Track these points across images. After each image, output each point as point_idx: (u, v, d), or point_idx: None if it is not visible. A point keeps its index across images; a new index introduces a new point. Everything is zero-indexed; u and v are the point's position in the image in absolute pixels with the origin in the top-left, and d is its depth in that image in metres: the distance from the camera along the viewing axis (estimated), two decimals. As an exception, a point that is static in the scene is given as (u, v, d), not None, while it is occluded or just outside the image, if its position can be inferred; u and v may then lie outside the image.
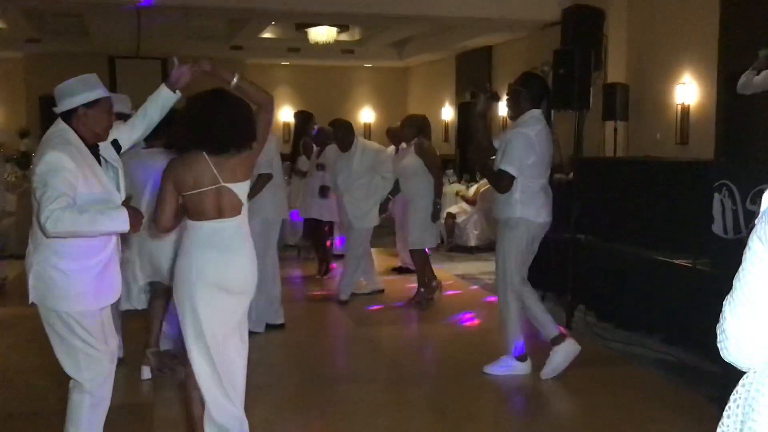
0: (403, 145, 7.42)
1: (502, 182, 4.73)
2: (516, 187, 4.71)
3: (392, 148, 8.10)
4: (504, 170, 4.70)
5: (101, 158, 3.24)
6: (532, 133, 4.72)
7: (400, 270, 8.45)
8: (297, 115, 8.79)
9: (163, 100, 3.39)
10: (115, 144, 3.32)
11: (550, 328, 4.89)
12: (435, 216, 6.94)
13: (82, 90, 3.15)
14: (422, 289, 7.06)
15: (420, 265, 7.11)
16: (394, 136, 8.16)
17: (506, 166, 4.70)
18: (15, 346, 5.72)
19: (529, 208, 4.76)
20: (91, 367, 3.23)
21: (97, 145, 3.23)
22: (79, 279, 3.14)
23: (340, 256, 8.01)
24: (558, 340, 4.88)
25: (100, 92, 3.17)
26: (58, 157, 3.02)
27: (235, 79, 3.11)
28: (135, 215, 3.10)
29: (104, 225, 3.04)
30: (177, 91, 3.40)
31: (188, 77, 3.38)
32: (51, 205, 2.92)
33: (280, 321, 5.99)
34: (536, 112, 4.81)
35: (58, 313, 3.15)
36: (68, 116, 3.16)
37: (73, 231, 2.99)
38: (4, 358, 5.45)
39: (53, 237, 3.04)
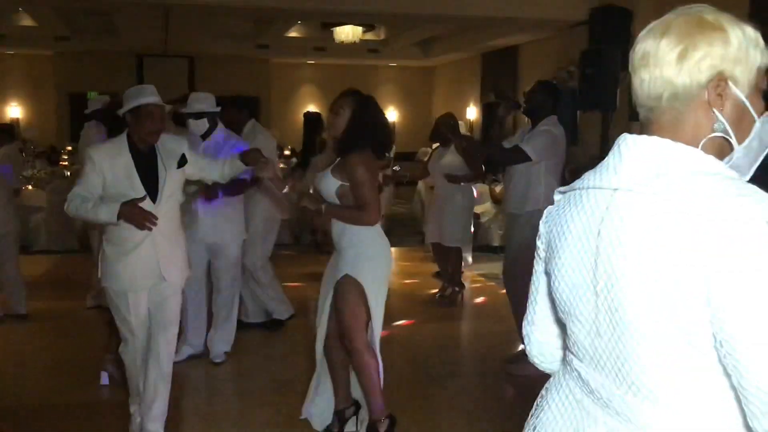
0: (425, 149, 7.55)
1: (518, 156, 4.81)
2: (540, 181, 4.81)
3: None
4: (523, 149, 4.80)
5: (159, 160, 3.61)
6: (558, 132, 4.88)
7: (438, 275, 8.16)
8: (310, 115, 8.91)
9: (236, 166, 3.85)
10: (182, 158, 3.69)
11: None
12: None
13: (127, 99, 3.58)
14: (456, 288, 7.11)
15: (457, 263, 7.16)
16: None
17: (525, 147, 4.80)
18: (39, 340, 5.81)
19: (550, 204, 4.82)
20: (125, 341, 3.70)
21: (154, 149, 3.61)
22: (114, 261, 3.58)
23: None
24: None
25: (139, 101, 3.53)
26: (91, 149, 3.60)
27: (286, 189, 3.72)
28: (134, 211, 3.39)
29: (99, 214, 3.44)
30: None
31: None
32: (75, 188, 3.53)
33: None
34: (555, 118, 4.94)
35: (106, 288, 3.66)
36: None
37: (77, 213, 3.50)
38: (28, 352, 5.54)
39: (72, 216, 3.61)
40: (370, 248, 3.55)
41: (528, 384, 4.81)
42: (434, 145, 8.42)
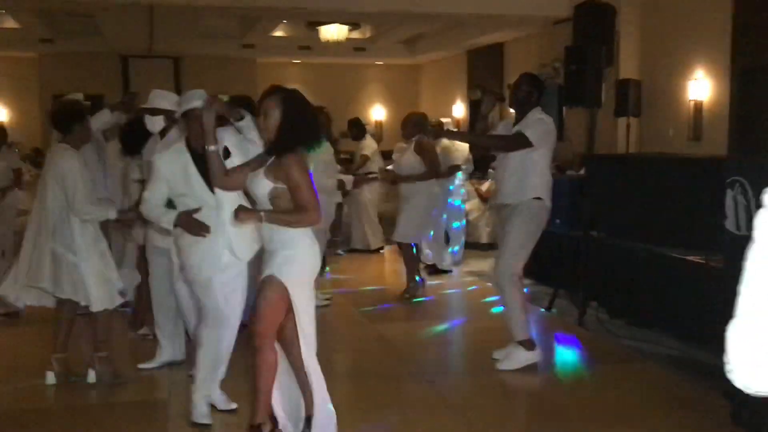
0: (401, 144, 7.64)
1: (520, 142, 4.82)
2: (536, 170, 4.86)
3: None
4: (525, 134, 4.81)
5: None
6: (550, 121, 4.95)
7: (431, 271, 8.27)
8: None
9: None
10: (226, 150, 3.84)
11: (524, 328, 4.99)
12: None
13: (179, 105, 3.99)
14: (411, 285, 7.12)
15: (407, 259, 7.18)
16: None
17: (526, 131, 4.82)
18: (26, 343, 5.77)
19: (545, 192, 4.93)
20: (225, 324, 3.95)
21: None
22: (188, 252, 3.92)
23: None
24: (528, 345, 4.97)
25: (188, 105, 3.87)
26: (155, 157, 3.99)
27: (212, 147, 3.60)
28: (189, 221, 3.79)
29: (162, 221, 3.89)
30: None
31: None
32: (145, 192, 3.96)
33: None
34: (540, 109, 4.98)
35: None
36: None
37: (149, 216, 3.98)
38: (16, 356, 5.50)
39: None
40: (300, 251, 3.46)
41: (517, 381, 4.85)
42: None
